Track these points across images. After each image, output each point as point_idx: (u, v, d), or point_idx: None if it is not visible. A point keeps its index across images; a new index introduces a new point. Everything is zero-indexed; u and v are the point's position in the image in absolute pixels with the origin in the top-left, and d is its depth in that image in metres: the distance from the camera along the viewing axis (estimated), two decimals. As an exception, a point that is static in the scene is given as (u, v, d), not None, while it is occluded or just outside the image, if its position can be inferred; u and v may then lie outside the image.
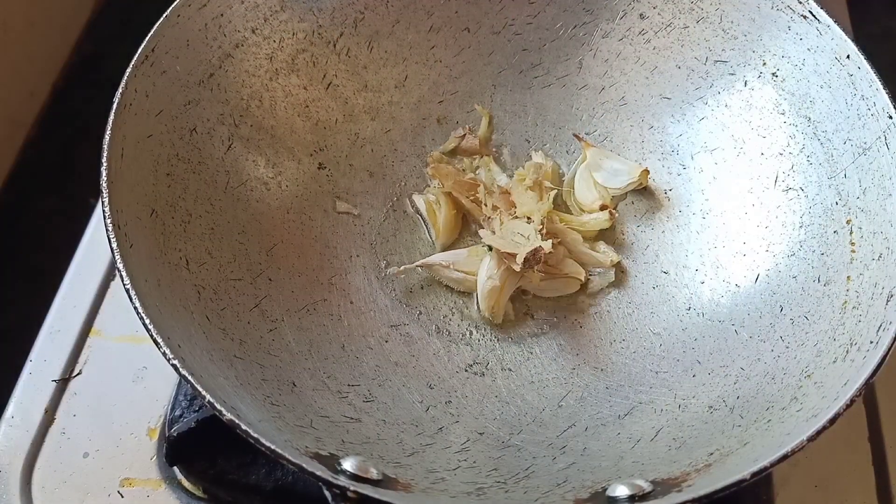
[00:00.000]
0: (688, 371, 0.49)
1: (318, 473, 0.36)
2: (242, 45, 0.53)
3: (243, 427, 0.37)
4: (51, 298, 0.60)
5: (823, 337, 0.45)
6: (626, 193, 0.57)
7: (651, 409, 0.47)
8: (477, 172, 0.58)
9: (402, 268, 0.54)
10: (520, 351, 0.52)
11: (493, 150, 0.59)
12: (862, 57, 0.49)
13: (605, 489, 0.41)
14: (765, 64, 0.53)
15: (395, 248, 0.56)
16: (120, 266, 0.41)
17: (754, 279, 0.51)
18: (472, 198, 0.55)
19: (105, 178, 0.44)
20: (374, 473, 0.39)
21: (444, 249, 0.55)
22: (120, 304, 0.60)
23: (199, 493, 0.53)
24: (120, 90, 0.46)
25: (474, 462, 0.44)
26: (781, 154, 0.52)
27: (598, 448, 0.45)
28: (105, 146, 0.45)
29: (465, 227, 0.56)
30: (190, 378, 0.38)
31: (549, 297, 0.54)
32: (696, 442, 0.44)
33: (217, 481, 0.52)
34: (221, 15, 0.52)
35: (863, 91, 0.49)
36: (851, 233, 0.48)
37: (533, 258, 0.50)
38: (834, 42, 0.50)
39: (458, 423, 0.47)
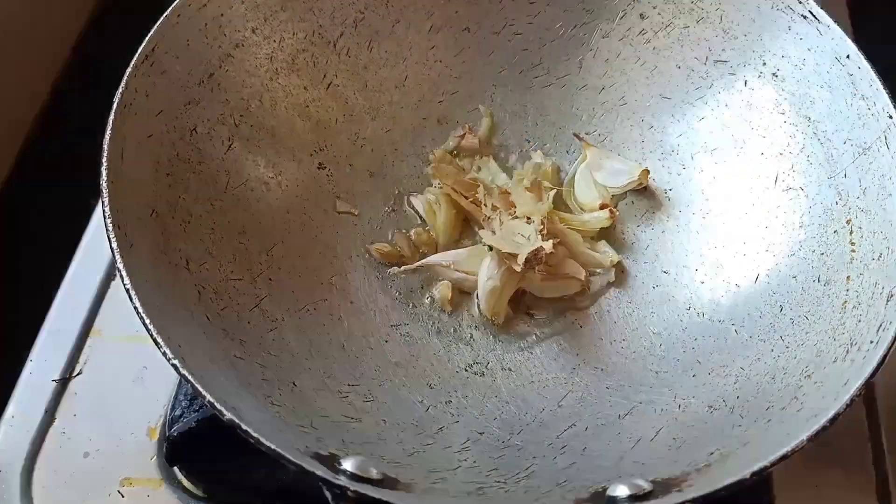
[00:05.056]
0: (688, 371, 0.49)
1: (319, 473, 0.36)
2: (242, 45, 0.53)
3: (243, 427, 0.37)
4: (51, 298, 0.60)
5: (823, 337, 0.45)
6: (626, 193, 0.57)
7: (651, 409, 0.47)
8: (477, 172, 0.58)
9: (402, 268, 0.54)
10: (520, 351, 0.52)
11: (493, 149, 0.59)
12: (862, 57, 0.49)
13: (605, 489, 0.41)
14: (765, 64, 0.53)
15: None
16: (120, 266, 0.41)
17: (754, 279, 0.51)
18: (471, 198, 0.55)
19: (105, 178, 0.44)
20: (374, 473, 0.39)
21: (444, 249, 0.55)
22: (120, 304, 0.59)
23: (199, 493, 0.53)
24: (120, 90, 0.46)
25: (474, 462, 0.45)
26: (781, 154, 0.52)
27: (599, 448, 0.45)
28: (105, 146, 0.44)
29: (465, 227, 0.56)
30: (190, 378, 0.38)
31: (550, 297, 0.54)
32: (696, 442, 0.44)
33: (217, 481, 0.52)
34: (221, 15, 0.52)
35: (863, 91, 0.49)
36: (851, 233, 0.48)
37: (534, 259, 0.50)
38: (834, 42, 0.50)
39: (459, 422, 0.47)
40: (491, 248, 0.52)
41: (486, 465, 0.44)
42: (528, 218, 0.53)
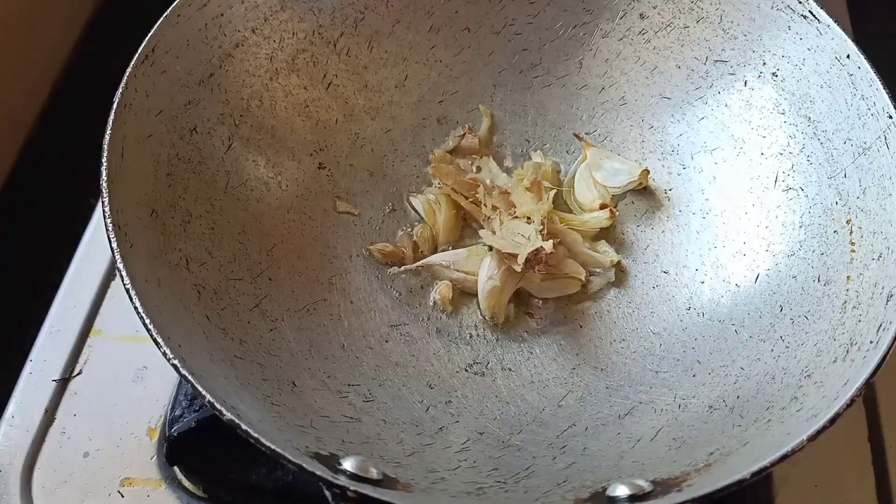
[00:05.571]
0: (688, 371, 0.49)
1: (318, 473, 0.36)
2: (242, 45, 0.53)
3: (243, 427, 0.37)
4: (51, 298, 0.60)
5: (823, 337, 0.45)
6: (626, 193, 0.57)
7: (651, 409, 0.47)
8: (477, 172, 0.58)
9: (402, 268, 0.54)
10: (520, 351, 0.52)
11: (493, 149, 0.59)
12: (862, 57, 0.49)
13: (605, 489, 0.41)
14: (765, 64, 0.53)
15: (396, 247, 0.55)
16: (120, 266, 0.41)
17: (754, 279, 0.51)
18: (471, 198, 0.55)
19: (105, 178, 0.44)
20: (374, 473, 0.39)
21: (444, 249, 0.55)
22: (120, 304, 0.60)
23: (199, 492, 0.53)
24: (120, 90, 0.46)
25: (474, 462, 0.45)
26: (781, 154, 0.52)
27: (598, 448, 0.45)
28: (105, 146, 0.45)
29: (465, 227, 0.56)
30: (190, 378, 0.38)
31: (550, 297, 0.54)
32: (696, 442, 0.44)
33: (217, 481, 0.52)
34: (221, 15, 0.52)
35: (863, 91, 0.49)
36: (851, 232, 0.48)
37: (534, 258, 0.50)
38: (834, 42, 0.50)
39: (459, 422, 0.47)
40: (491, 248, 0.52)
41: (486, 465, 0.44)
42: (528, 218, 0.53)
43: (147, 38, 0.48)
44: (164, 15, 0.49)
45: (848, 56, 0.49)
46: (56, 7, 1.01)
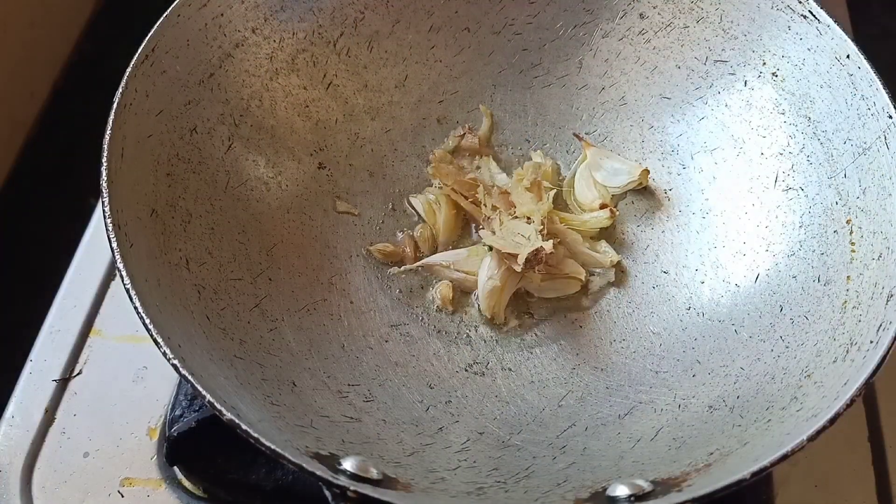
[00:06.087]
0: (688, 371, 0.49)
1: (318, 473, 0.36)
2: (242, 45, 0.53)
3: (243, 427, 0.37)
4: (51, 298, 0.60)
5: (823, 337, 0.45)
6: (626, 193, 0.57)
7: (651, 409, 0.47)
8: (477, 171, 0.58)
9: (402, 268, 0.54)
10: (520, 351, 0.52)
11: (493, 149, 0.59)
12: (862, 57, 0.49)
13: (605, 489, 0.41)
14: (765, 64, 0.53)
15: (395, 247, 0.55)
16: (120, 266, 0.41)
17: (754, 279, 0.51)
18: (471, 198, 0.55)
19: (105, 178, 0.44)
20: (374, 473, 0.39)
21: (444, 249, 0.55)
22: (120, 304, 0.60)
23: (199, 492, 0.53)
24: (120, 90, 0.46)
25: (474, 462, 0.45)
26: (781, 154, 0.52)
27: (598, 448, 0.45)
28: (105, 146, 0.45)
29: (465, 227, 0.57)
30: (190, 378, 0.38)
31: (550, 297, 0.54)
32: (696, 442, 0.44)
33: (217, 481, 0.52)
34: (221, 15, 0.52)
35: (863, 91, 0.49)
36: (851, 232, 0.48)
37: (534, 259, 0.50)
38: (834, 42, 0.50)
39: (458, 422, 0.47)
40: (491, 248, 0.52)
41: (485, 465, 0.44)
42: (528, 218, 0.53)
43: (147, 38, 0.48)
44: (164, 15, 0.49)
45: (848, 56, 0.50)
46: (56, 7, 1.01)
